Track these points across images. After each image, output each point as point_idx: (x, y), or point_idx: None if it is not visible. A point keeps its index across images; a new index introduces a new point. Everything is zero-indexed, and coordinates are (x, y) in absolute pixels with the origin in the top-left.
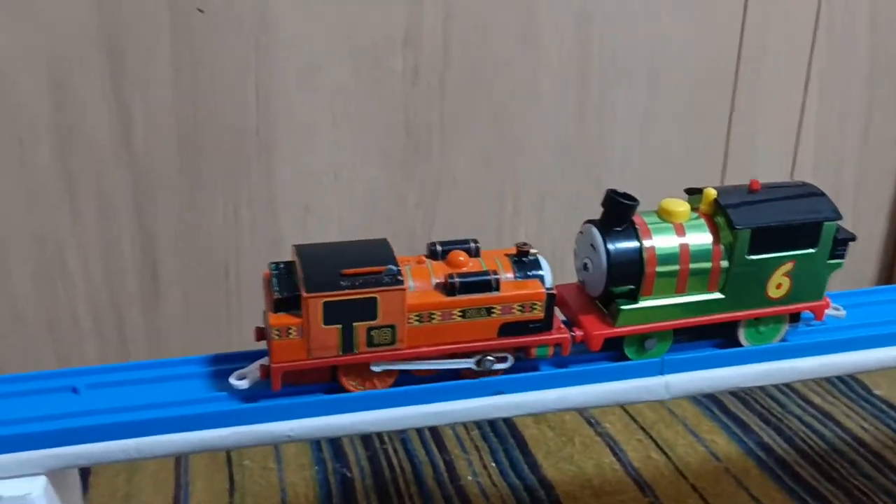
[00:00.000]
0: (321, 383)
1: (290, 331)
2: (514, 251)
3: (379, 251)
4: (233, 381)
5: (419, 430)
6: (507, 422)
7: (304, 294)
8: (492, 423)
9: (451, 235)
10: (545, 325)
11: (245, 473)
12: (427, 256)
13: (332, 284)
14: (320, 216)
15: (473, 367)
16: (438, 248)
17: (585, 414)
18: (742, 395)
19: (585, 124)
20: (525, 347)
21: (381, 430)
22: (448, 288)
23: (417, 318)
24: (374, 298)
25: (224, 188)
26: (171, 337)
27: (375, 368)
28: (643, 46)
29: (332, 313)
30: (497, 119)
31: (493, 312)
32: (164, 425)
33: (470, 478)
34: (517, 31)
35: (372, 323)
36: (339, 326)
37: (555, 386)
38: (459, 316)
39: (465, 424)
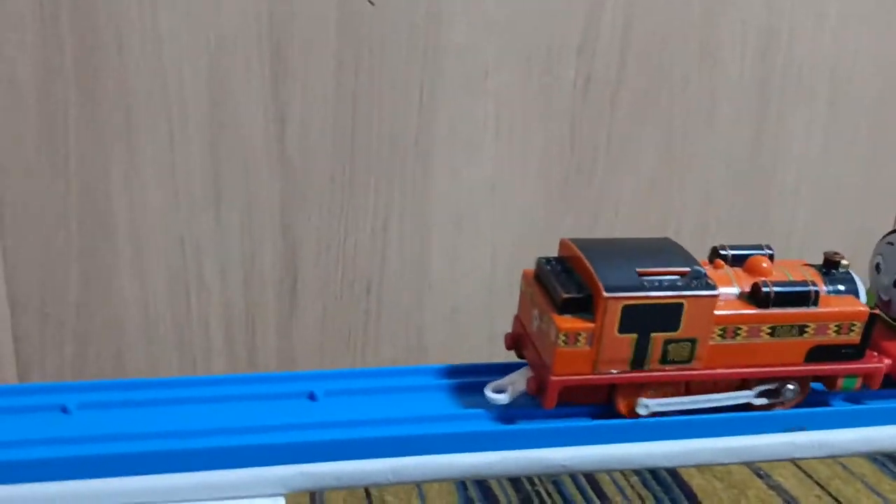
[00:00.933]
0: (588, 404)
1: (580, 337)
2: (819, 263)
3: (672, 250)
4: (489, 394)
5: (573, 474)
6: (669, 469)
7: (604, 294)
8: (652, 469)
9: None
10: (858, 351)
11: (383, 496)
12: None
13: (633, 285)
14: (471, 234)
15: (759, 399)
16: (729, 252)
17: (753, 465)
18: None
19: (761, 151)
20: (831, 377)
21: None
22: (760, 298)
23: (721, 332)
24: (680, 305)
25: (376, 198)
26: (303, 354)
27: (641, 410)
28: (826, 64)
29: (630, 319)
30: (667, 141)
31: (806, 332)
32: (420, 444)
33: None
34: (697, 45)
35: (672, 335)
36: (635, 336)
37: (865, 424)
38: (768, 333)
39: (622, 470)
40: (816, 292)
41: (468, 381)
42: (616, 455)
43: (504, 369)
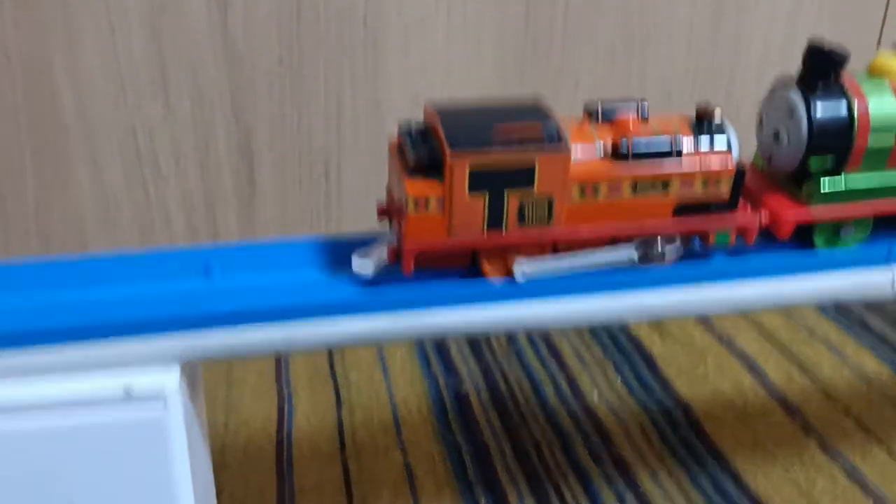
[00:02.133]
0: (455, 268)
1: (429, 202)
2: (692, 116)
3: (533, 109)
4: (355, 262)
5: (533, 343)
6: (630, 336)
7: (449, 154)
8: (613, 337)
9: None
10: (730, 206)
11: (351, 386)
12: (586, 120)
13: (481, 144)
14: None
15: (635, 256)
16: (600, 107)
17: (715, 330)
18: (881, 309)
19: (723, 15)
20: (702, 233)
21: (534, 329)
22: (619, 154)
23: (580, 190)
24: (532, 162)
25: (326, 81)
26: None
27: (519, 276)
28: None
29: (480, 179)
30: (625, 9)
31: (670, 188)
32: (306, 311)
33: (596, 397)
34: None
35: (526, 193)
36: (486, 195)
37: (754, 275)
38: (630, 190)
39: (581, 337)
40: (679, 148)
41: (344, 251)
42: (480, 319)
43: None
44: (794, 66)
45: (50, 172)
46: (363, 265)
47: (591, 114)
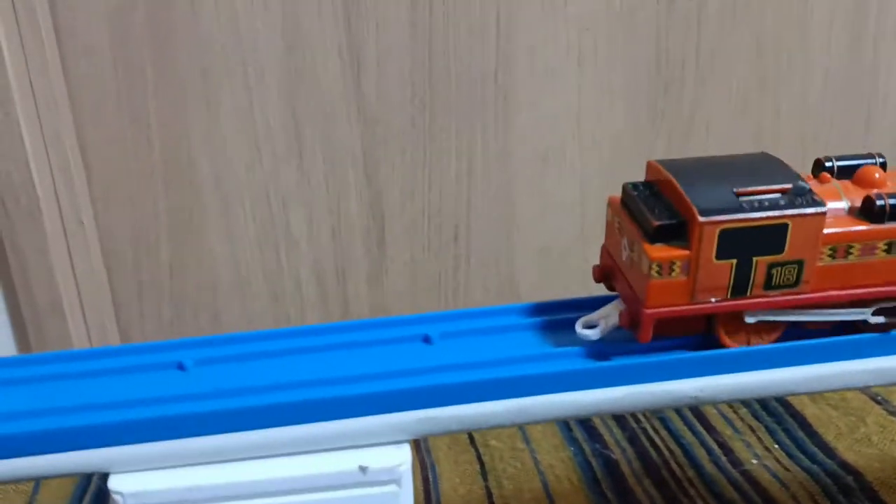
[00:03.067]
0: (686, 335)
1: (674, 266)
2: None
3: (771, 166)
4: (580, 330)
5: (678, 409)
6: (780, 399)
7: (699, 219)
8: (761, 400)
9: None
10: None
11: (493, 454)
12: (813, 176)
13: (731, 207)
14: (558, 168)
15: (874, 318)
16: (834, 163)
17: (869, 391)
18: None
19: (860, 57)
20: None
21: (778, 395)
22: (875, 212)
23: (831, 252)
24: (785, 225)
25: (458, 140)
26: (395, 304)
27: (750, 319)
28: None
29: (729, 244)
30: (758, 52)
31: None
32: (513, 387)
33: (754, 461)
34: None
35: (776, 258)
36: (734, 262)
37: None
38: (884, 250)
39: (729, 402)
40: None
41: (559, 317)
42: (719, 386)
43: (595, 303)
44: None
45: (184, 237)
46: (589, 333)
47: (825, 168)
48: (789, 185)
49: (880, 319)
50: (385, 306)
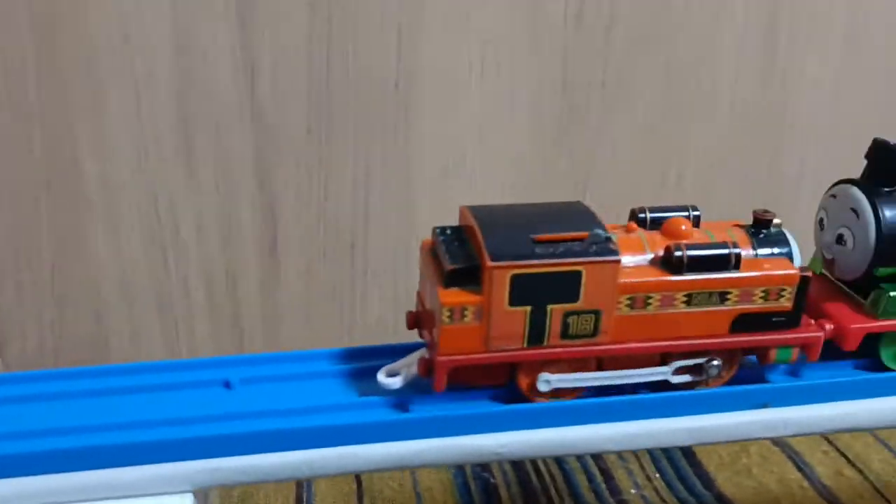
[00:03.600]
0: (489, 386)
1: (466, 312)
2: (747, 222)
3: (577, 214)
4: (382, 378)
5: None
6: None
7: (488, 263)
8: None
9: (604, 208)
10: (792, 319)
11: (373, 475)
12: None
13: (523, 252)
14: (460, 181)
15: (675, 378)
16: (647, 214)
17: None
18: None
19: (769, 89)
20: (762, 349)
21: (582, 453)
22: (673, 264)
23: (629, 302)
24: (579, 273)
25: (356, 149)
26: (290, 316)
27: (543, 387)
28: None
29: (522, 290)
30: (667, 77)
31: (728, 300)
32: (328, 436)
33: (633, 491)
34: None
35: (571, 306)
36: (528, 309)
37: (815, 400)
38: (683, 303)
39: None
40: (737, 255)
41: (369, 364)
42: (522, 442)
43: (408, 350)
44: (845, 143)
45: (67, 238)
46: (390, 382)
47: (638, 219)
48: (586, 233)
49: (684, 378)
50: (278, 314)
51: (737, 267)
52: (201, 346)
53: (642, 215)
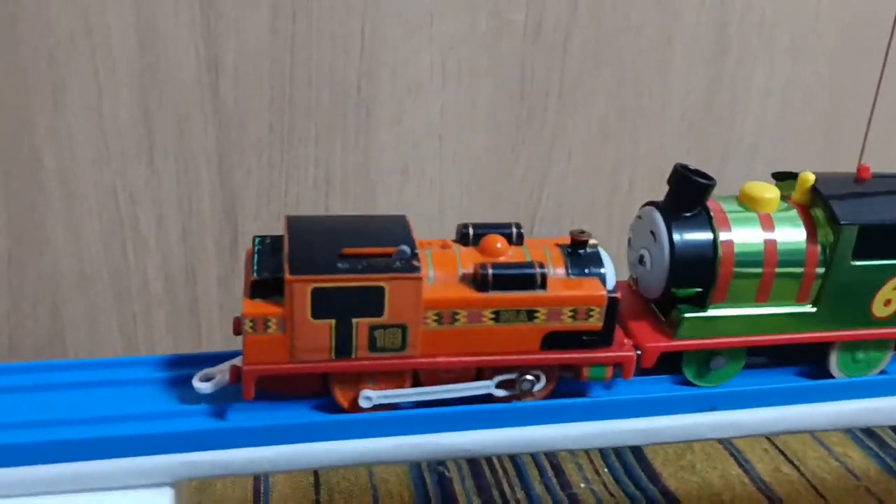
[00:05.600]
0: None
1: (269, 323)
2: (567, 241)
3: (392, 229)
4: (196, 384)
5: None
6: None
7: (288, 276)
8: None
9: (559, 213)
10: (604, 338)
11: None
12: (456, 241)
13: (325, 266)
14: (418, 184)
15: (497, 391)
16: (470, 231)
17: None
18: None
19: (717, 99)
20: (575, 367)
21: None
22: (479, 281)
23: (436, 318)
24: (381, 288)
25: (317, 149)
26: None
27: (363, 402)
28: (788, 10)
29: (324, 304)
30: (621, 88)
31: (536, 318)
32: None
33: (583, 485)
34: None
35: (376, 320)
36: (333, 322)
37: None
38: (491, 319)
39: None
40: (543, 274)
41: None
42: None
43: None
44: (791, 153)
45: (25, 229)
46: (203, 387)
47: (461, 236)
48: (394, 249)
49: (506, 392)
50: (237, 308)
51: (543, 286)
52: (159, 339)
53: (465, 231)
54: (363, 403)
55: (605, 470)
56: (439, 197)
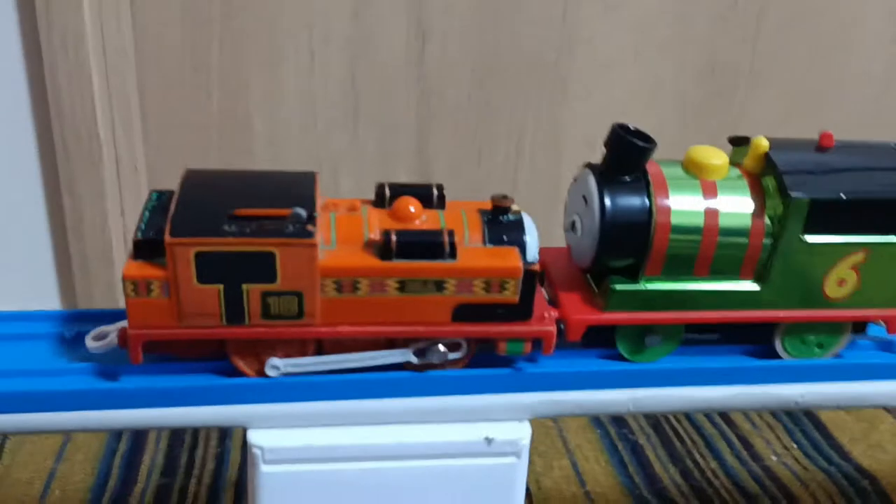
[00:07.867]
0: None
1: (152, 287)
2: (488, 206)
3: (295, 188)
4: (88, 342)
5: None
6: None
7: (168, 238)
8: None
9: None
10: (521, 311)
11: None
12: (372, 203)
13: (210, 228)
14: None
15: (415, 359)
16: (387, 191)
17: None
18: None
19: None
20: (489, 340)
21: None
22: (382, 248)
23: (336, 286)
24: (272, 254)
25: (510, 120)
26: None
27: (269, 370)
28: None
29: (210, 269)
30: (811, 64)
31: (445, 289)
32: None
33: (774, 458)
34: None
35: (270, 286)
36: (221, 287)
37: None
38: (397, 289)
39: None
40: (452, 243)
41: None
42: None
43: None
44: None
45: None
46: (95, 346)
47: (378, 196)
48: (287, 210)
49: (420, 359)
50: None
51: (452, 255)
52: None
53: (382, 191)
54: (270, 372)
55: (794, 446)
56: None
